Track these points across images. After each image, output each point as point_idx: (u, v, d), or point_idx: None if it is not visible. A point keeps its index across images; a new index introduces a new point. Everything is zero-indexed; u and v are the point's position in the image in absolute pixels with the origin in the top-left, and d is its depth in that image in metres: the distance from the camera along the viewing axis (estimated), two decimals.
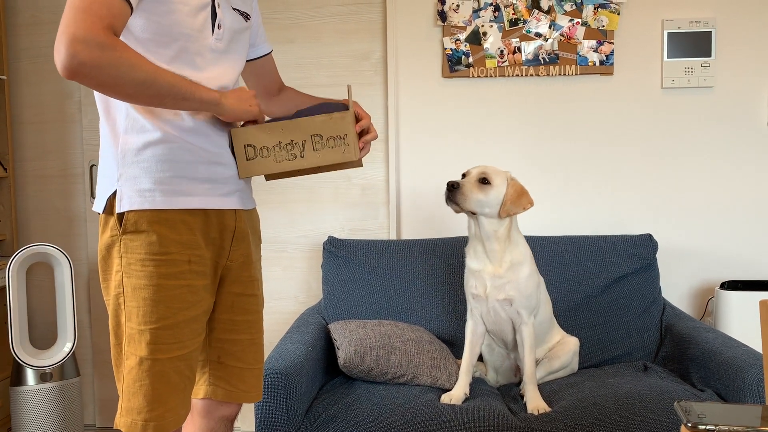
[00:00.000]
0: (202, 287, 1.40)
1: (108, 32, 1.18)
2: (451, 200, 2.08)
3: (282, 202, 2.94)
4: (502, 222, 2.12)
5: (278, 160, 1.44)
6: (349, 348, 2.18)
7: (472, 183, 2.09)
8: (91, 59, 1.15)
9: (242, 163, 1.45)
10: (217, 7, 1.39)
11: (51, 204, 3.06)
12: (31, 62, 3.02)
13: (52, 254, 2.71)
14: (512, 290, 2.13)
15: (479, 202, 2.08)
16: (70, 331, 2.72)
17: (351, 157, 1.43)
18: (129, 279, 1.34)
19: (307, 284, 2.96)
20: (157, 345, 1.33)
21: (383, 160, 2.88)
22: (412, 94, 2.83)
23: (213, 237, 1.43)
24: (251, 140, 1.44)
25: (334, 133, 1.43)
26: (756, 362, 1.92)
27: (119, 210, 1.34)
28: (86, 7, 1.17)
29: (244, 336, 1.52)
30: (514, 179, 2.13)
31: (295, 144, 1.43)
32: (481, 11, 2.75)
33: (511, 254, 2.14)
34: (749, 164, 2.74)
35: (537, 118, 2.80)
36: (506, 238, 2.14)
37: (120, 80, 1.21)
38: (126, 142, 1.35)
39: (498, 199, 2.09)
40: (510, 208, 2.09)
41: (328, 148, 1.43)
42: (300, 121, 1.43)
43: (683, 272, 2.78)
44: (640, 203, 2.79)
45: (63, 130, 3.03)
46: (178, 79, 1.29)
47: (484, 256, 2.15)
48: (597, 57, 2.73)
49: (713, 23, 2.70)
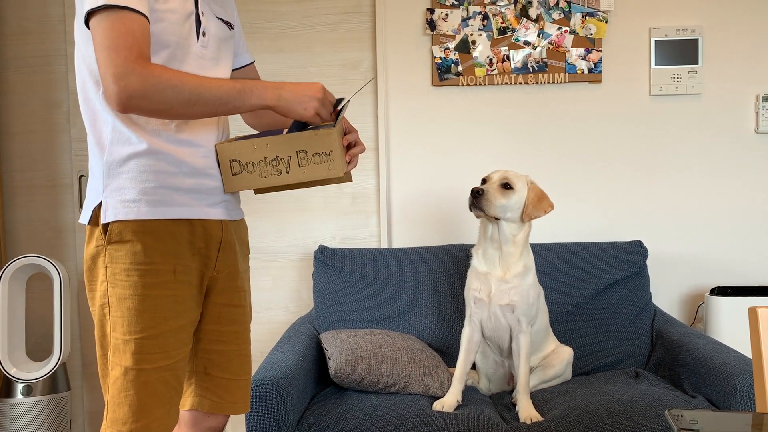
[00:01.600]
0: (189, 297, 1.40)
1: (141, 61, 1.25)
2: (476, 207, 2.09)
3: (272, 211, 2.93)
4: (522, 227, 2.15)
5: (263, 176, 1.43)
6: (340, 358, 2.17)
7: (495, 188, 2.11)
8: (136, 91, 1.24)
9: (227, 178, 1.45)
10: (201, 15, 1.42)
11: (39, 215, 3.04)
12: (19, 72, 3.00)
13: (42, 265, 2.69)
14: (516, 296, 2.13)
15: (503, 207, 2.10)
16: (56, 345, 2.69)
17: (336, 173, 1.43)
18: (114, 289, 1.34)
19: (297, 294, 2.95)
20: (142, 355, 1.33)
21: (374, 168, 2.88)
22: (401, 102, 2.84)
23: (199, 247, 1.42)
24: (236, 155, 1.43)
25: (320, 149, 1.42)
26: (746, 368, 1.93)
27: (104, 220, 1.34)
28: (113, 44, 1.24)
29: (231, 347, 1.52)
30: (533, 183, 2.16)
31: (280, 160, 1.42)
32: (469, 20, 2.76)
33: (524, 260, 2.17)
34: (737, 170, 2.76)
35: (526, 125, 2.81)
36: (524, 243, 2.17)
37: (167, 104, 1.27)
38: (111, 154, 1.36)
39: (520, 204, 2.12)
40: (532, 212, 2.12)
41: (314, 165, 1.42)
42: (286, 137, 1.42)
43: (673, 278, 2.79)
44: (629, 210, 2.80)
45: (51, 140, 3.01)
46: (225, 89, 1.32)
47: (495, 260, 2.16)
48: (585, 65, 2.74)
49: (700, 31, 2.72)
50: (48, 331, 2.92)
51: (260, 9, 2.86)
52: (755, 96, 2.74)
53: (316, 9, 2.87)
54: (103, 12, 1.25)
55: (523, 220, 2.13)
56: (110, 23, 1.25)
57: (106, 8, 1.25)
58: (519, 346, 2.14)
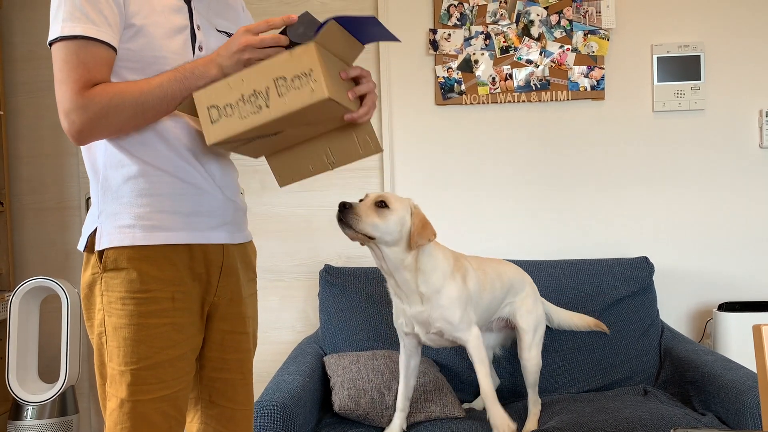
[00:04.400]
0: (189, 324, 1.35)
1: (83, 91, 1.24)
2: (344, 222, 1.85)
3: (279, 231, 2.94)
4: (407, 251, 1.93)
5: (243, 116, 1.25)
6: (343, 392, 2.16)
7: (368, 206, 1.89)
8: (82, 123, 1.24)
9: (207, 128, 1.28)
10: (196, 29, 1.37)
11: (48, 237, 3.06)
12: (28, 97, 3.04)
13: (51, 288, 2.70)
14: (438, 321, 1.97)
15: (375, 227, 1.86)
16: (63, 368, 2.68)
17: (321, 94, 1.19)
18: (110, 318, 1.30)
19: (304, 313, 2.95)
20: (138, 386, 1.29)
21: (379, 186, 2.89)
22: (406, 121, 2.85)
23: (199, 272, 1.37)
24: (213, 100, 1.26)
25: (298, 70, 1.21)
26: (756, 385, 1.91)
27: (99, 248, 1.31)
28: (62, 77, 1.25)
29: (236, 375, 1.47)
30: (417, 207, 1.98)
31: (258, 93, 1.24)
32: (472, 39, 2.78)
33: (426, 284, 1.96)
34: (742, 185, 2.76)
35: (530, 143, 2.82)
36: (415, 268, 1.95)
37: (117, 124, 1.26)
38: (106, 178, 1.33)
39: (399, 225, 1.90)
40: (418, 240, 1.91)
41: (294, 90, 1.21)
42: (260, 66, 1.23)
43: (680, 294, 2.77)
44: (634, 226, 2.80)
45: (59, 163, 3.05)
46: (166, 85, 1.26)
47: (398, 290, 1.99)
48: (588, 82, 2.76)
49: (701, 47, 2.73)
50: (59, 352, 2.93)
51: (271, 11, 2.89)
52: (758, 111, 2.74)
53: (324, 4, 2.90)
54: (60, 43, 1.24)
55: (410, 248, 1.92)
56: (63, 55, 1.24)
57: (62, 39, 1.24)
58: (471, 354, 1.98)
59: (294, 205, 2.93)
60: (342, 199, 2.88)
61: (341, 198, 2.90)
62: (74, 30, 1.23)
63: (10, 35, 3.04)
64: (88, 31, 1.24)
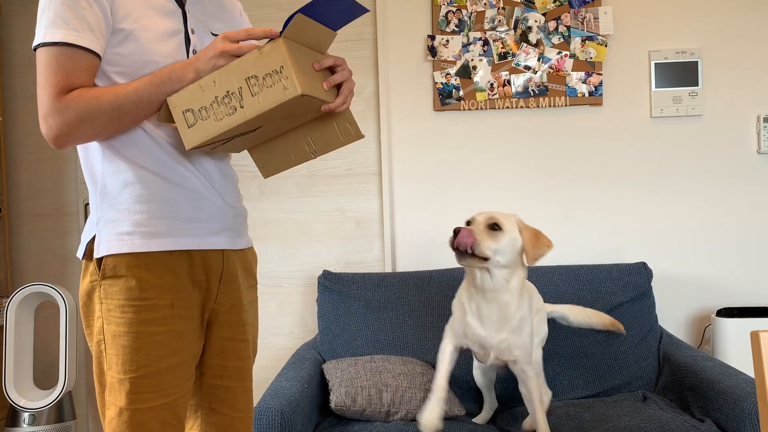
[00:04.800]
0: (189, 331, 1.35)
1: (60, 96, 1.25)
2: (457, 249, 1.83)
3: (277, 236, 2.94)
4: (514, 272, 1.90)
5: (219, 118, 1.24)
6: (340, 389, 2.16)
7: (482, 229, 1.86)
8: (59, 127, 1.25)
9: (184, 132, 1.27)
10: (190, 33, 1.37)
11: (46, 243, 3.06)
12: (26, 103, 3.04)
13: (49, 294, 2.69)
14: (517, 350, 1.92)
15: (492, 250, 1.84)
16: (61, 374, 2.68)
17: (294, 91, 1.18)
18: (109, 326, 1.29)
19: (302, 319, 2.94)
20: (137, 395, 1.28)
21: (377, 192, 2.89)
22: (404, 127, 2.86)
23: (199, 279, 1.36)
24: (188, 104, 1.25)
25: (270, 68, 1.20)
26: (754, 391, 1.91)
27: (97, 255, 1.30)
28: (42, 82, 1.26)
29: (236, 383, 1.46)
30: (522, 221, 1.95)
31: (231, 94, 1.23)
32: (470, 45, 2.79)
33: (523, 310, 1.92)
34: (740, 190, 2.76)
35: (528, 149, 2.82)
36: (520, 290, 1.91)
37: (93, 129, 1.27)
38: (104, 185, 1.33)
39: (512, 246, 1.87)
40: (534, 253, 1.87)
41: (267, 88, 1.20)
42: (230, 66, 1.22)
43: (679, 300, 2.77)
44: (633, 232, 2.80)
45: (57, 169, 3.05)
46: (142, 90, 1.25)
47: (492, 317, 1.91)
48: (586, 88, 2.76)
49: (699, 53, 2.74)
50: (55, 359, 2.92)
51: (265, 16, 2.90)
52: (756, 117, 2.75)
53: None
54: (42, 48, 1.26)
55: (528, 263, 1.89)
56: (44, 60, 1.26)
57: (44, 45, 1.25)
58: (530, 391, 1.96)
59: (292, 211, 2.93)
60: (341, 203, 2.90)
61: (339, 203, 2.91)
62: (54, 36, 1.24)
63: (9, 42, 3.04)
64: (68, 38, 1.24)
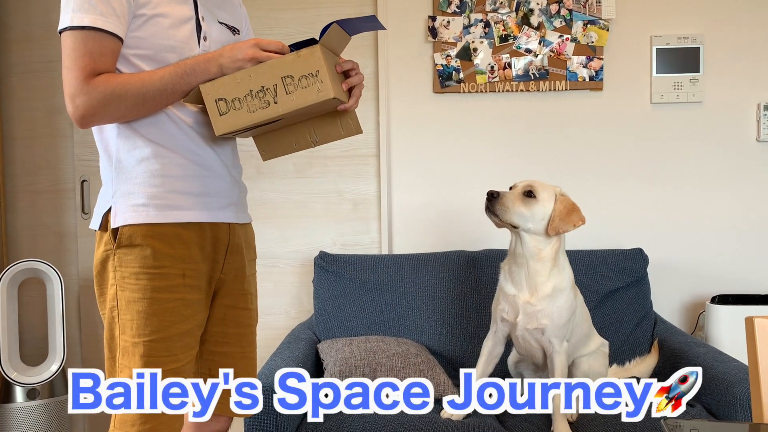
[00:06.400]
0: (196, 301, 1.42)
1: (88, 79, 1.31)
2: (491, 211, 1.94)
3: (274, 217, 2.93)
4: (548, 241, 1.95)
5: (252, 110, 1.35)
6: (334, 368, 2.17)
7: (516, 195, 1.94)
8: (85, 108, 1.31)
9: (215, 119, 1.37)
10: (201, 20, 1.44)
11: (41, 219, 3.05)
12: (22, 78, 3.02)
13: (43, 270, 2.69)
14: (545, 319, 1.96)
15: (521, 216, 1.93)
16: (59, 349, 2.70)
17: (327, 94, 1.32)
18: (123, 292, 1.37)
19: (298, 299, 2.95)
20: (151, 357, 1.35)
21: (375, 174, 2.89)
22: (403, 109, 2.84)
23: (208, 251, 1.45)
24: (221, 93, 1.35)
25: (305, 70, 1.32)
26: (746, 377, 1.92)
27: (114, 225, 1.37)
28: (70, 64, 1.32)
29: (236, 349, 1.54)
30: (564, 195, 1.99)
31: (266, 90, 1.33)
32: (471, 27, 2.77)
33: (555, 279, 1.97)
34: (739, 178, 2.76)
35: (527, 133, 2.81)
36: (552, 260, 1.96)
37: (118, 112, 1.33)
38: (119, 160, 1.40)
39: (543, 215, 1.94)
40: (559, 225, 1.93)
41: (302, 89, 1.32)
42: (268, 64, 1.33)
43: (674, 286, 2.78)
44: (630, 217, 2.80)
45: (54, 145, 3.03)
46: (167, 78, 1.33)
47: (521, 280, 1.98)
48: (587, 72, 2.75)
49: (701, 39, 2.72)
50: (42, 335, 2.93)
51: (262, 15, 2.87)
52: (756, 104, 2.74)
53: (318, 16, 2.88)
54: (69, 32, 1.32)
55: (548, 233, 1.94)
56: (71, 44, 1.32)
57: (71, 29, 1.31)
58: (553, 367, 1.98)
59: (289, 191, 2.93)
60: (338, 185, 2.89)
61: (336, 185, 2.90)
62: (83, 21, 1.31)
63: (5, 16, 3.01)
64: (96, 22, 1.31)
